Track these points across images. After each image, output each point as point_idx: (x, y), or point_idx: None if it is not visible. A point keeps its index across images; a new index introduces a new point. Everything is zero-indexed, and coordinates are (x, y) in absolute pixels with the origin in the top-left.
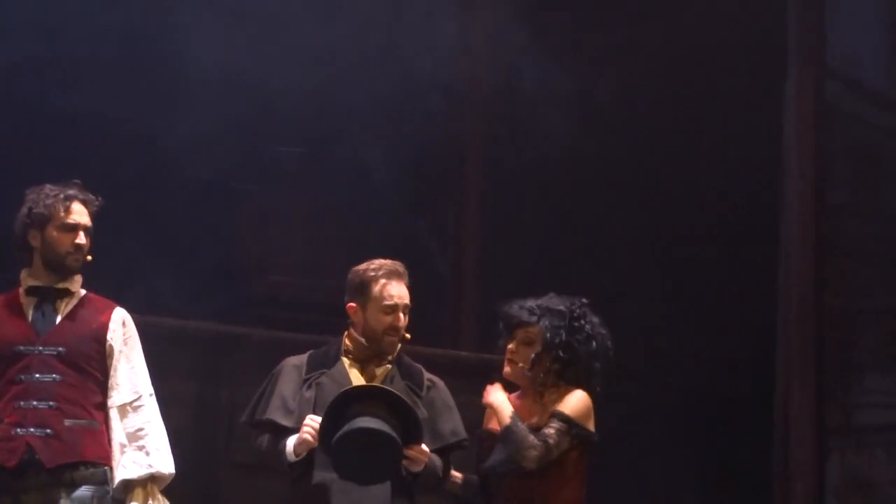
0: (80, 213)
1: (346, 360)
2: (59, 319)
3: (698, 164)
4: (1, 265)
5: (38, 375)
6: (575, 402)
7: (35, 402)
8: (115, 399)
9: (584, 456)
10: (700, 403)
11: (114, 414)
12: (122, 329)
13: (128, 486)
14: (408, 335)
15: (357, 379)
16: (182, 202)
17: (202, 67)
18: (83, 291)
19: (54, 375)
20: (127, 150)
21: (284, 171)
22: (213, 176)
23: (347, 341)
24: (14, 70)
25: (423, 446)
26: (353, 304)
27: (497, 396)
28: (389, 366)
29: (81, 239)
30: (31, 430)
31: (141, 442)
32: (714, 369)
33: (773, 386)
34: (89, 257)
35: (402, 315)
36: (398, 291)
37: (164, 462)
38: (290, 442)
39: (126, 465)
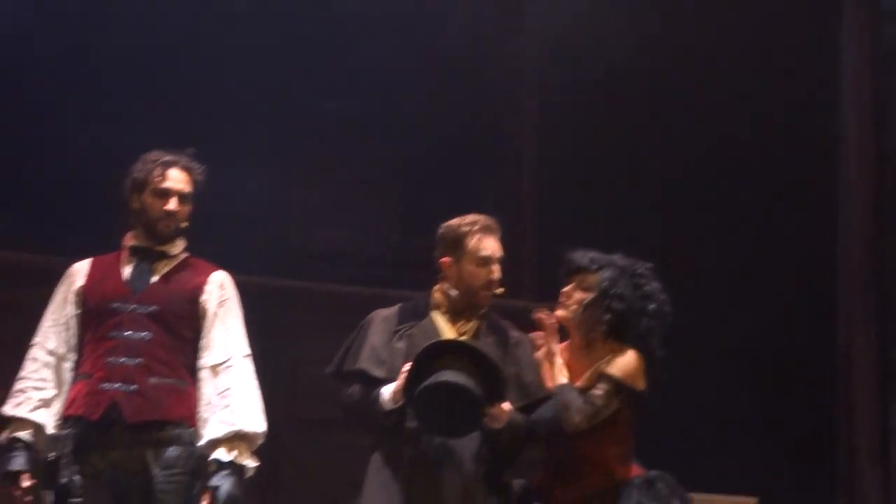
0: (176, 180)
1: (436, 314)
2: (154, 279)
3: (755, 111)
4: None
5: (128, 333)
6: (623, 362)
7: (123, 359)
8: (207, 360)
9: (634, 413)
10: (762, 350)
11: (205, 374)
12: (218, 291)
13: (214, 445)
14: (500, 289)
15: (447, 332)
16: (240, 159)
17: (259, 27)
18: (185, 254)
19: (145, 333)
20: (184, 105)
21: (343, 127)
22: (270, 132)
23: (438, 295)
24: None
25: (506, 404)
26: (446, 259)
27: (554, 356)
28: (478, 321)
29: (172, 205)
30: (117, 385)
31: (227, 401)
32: (776, 316)
33: (835, 331)
34: (184, 224)
35: (496, 268)
36: (492, 245)
37: (250, 420)
38: (387, 390)
39: (213, 425)
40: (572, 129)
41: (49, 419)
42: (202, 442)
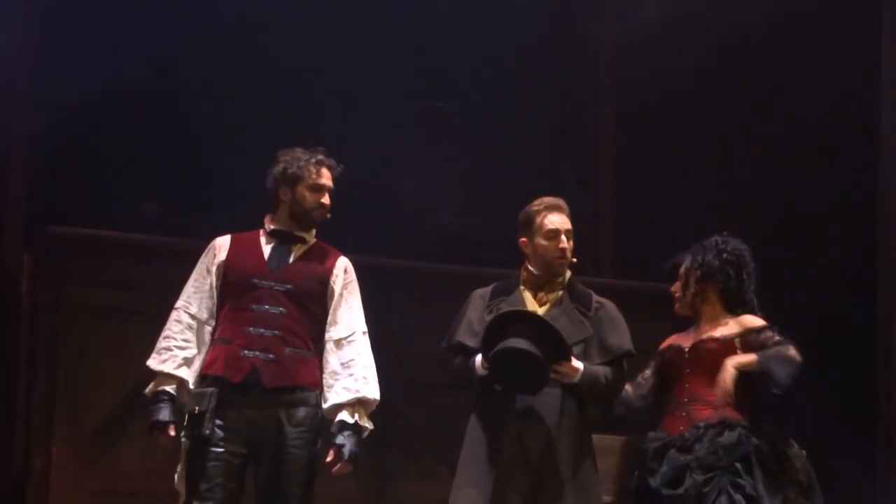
0: (326, 177)
1: (523, 289)
2: (290, 261)
3: (803, 102)
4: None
5: (267, 307)
6: (756, 319)
7: (263, 330)
8: (333, 334)
9: None
10: (807, 316)
11: (330, 346)
12: (343, 275)
13: (338, 408)
14: (574, 259)
15: (531, 304)
16: (363, 156)
17: (373, 35)
18: (315, 240)
19: (281, 308)
20: (307, 104)
21: (447, 123)
22: (386, 130)
23: (524, 273)
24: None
25: (575, 362)
26: (524, 239)
27: (731, 361)
28: (560, 291)
29: (326, 199)
30: (257, 353)
31: (351, 370)
32: (819, 293)
33: (874, 307)
34: (328, 215)
35: (564, 238)
36: (558, 219)
37: (370, 388)
38: (479, 358)
39: (337, 391)
40: (648, 119)
41: (190, 376)
42: (327, 405)
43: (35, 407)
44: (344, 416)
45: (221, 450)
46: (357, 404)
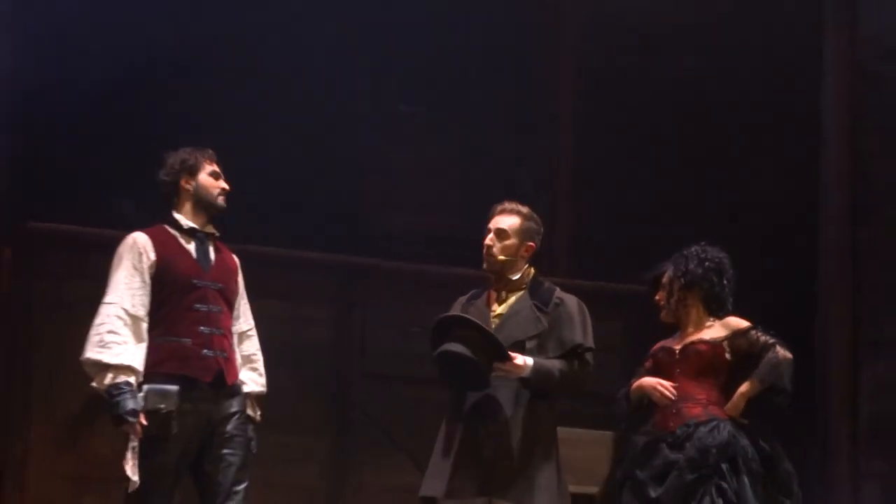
0: (218, 169)
1: (490, 290)
2: (213, 259)
3: (747, 119)
4: None
5: (211, 306)
6: (740, 320)
7: (213, 329)
8: (238, 327)
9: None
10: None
11: (234, 339)
12: (240, 270)
13: (246, 397)
14: (501, 257)
15: (493, 303)
16: (324, 158)
17: (335, 36)
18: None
19: (219, 307)
20: (274, 106)
21: (409, 126)
22: (350, 131)
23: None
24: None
25: (521, 358)
26: None
27: (738, 394)
28: (522, 290)
29: (225, 184)
30: (217, 352)
31: (254, 364)
32: (765, 294)
33: (815, 306)
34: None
35: (493, 236)
36: (495, 218)
37: (265, 383)
38: None
39: (246, 382)
40: (606, 121)
41: (141, 370)
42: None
43: (13, 395)
44: (251, 406)
45: (182, 448)
46: (259, 398)
